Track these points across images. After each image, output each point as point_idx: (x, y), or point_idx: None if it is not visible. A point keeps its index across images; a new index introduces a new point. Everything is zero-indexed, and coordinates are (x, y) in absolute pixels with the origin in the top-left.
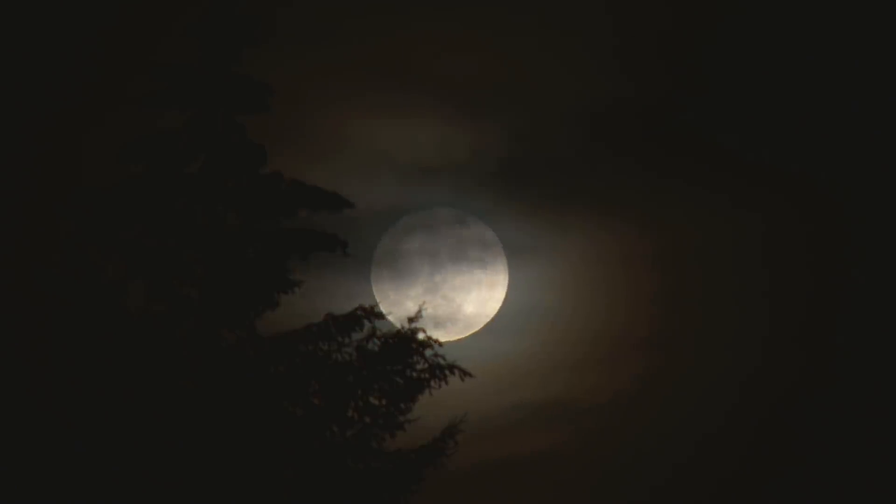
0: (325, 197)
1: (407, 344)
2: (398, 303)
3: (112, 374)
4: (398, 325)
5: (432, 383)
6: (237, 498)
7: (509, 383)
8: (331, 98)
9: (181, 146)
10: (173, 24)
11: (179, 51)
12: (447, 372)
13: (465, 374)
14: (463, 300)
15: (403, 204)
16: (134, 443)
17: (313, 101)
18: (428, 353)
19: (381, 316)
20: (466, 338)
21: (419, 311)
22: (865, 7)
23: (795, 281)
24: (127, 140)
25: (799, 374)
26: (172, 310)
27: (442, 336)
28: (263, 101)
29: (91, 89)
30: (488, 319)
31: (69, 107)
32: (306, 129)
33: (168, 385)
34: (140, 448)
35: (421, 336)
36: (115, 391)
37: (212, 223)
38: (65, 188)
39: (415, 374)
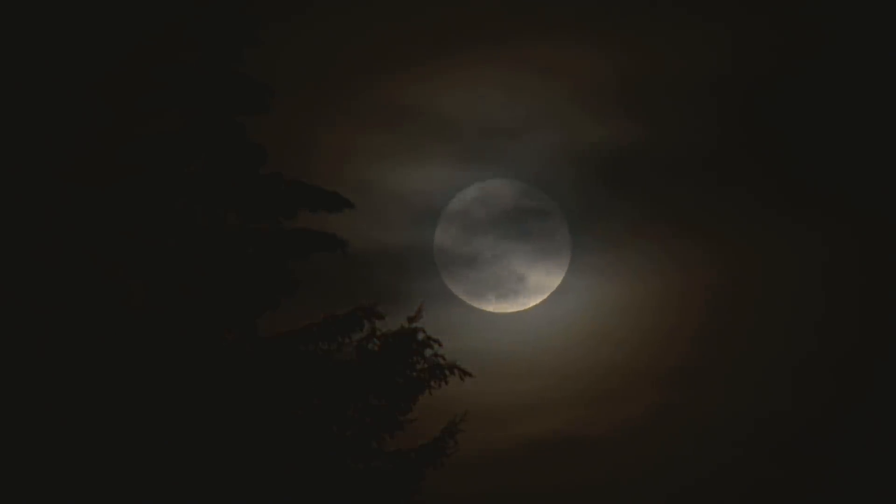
0: (326, 197)
1: (406, 344)
2: (463, 277)
3: (112, 374)
4: (465, 300)
5: (432, 383)
6: (237, 498)
7: (522, 414)
8: (342, 141)
9: (181, 146)
10: (174, 24)
11: (179, 51)
12: (447, 372)
13: (464, 373)
14: (526, 271)
15: (416, 243)
16: (134, 443)
17: (322, 143)
18: (427, 352)
19: (380, 316)
20: (531, 308)
21: (419, 311)
22: None
23: (847, 323)
24: (127, 140)
25: (823, 414)
26: (172, 310)
27: (506, 307)
28: (263, 101)
29: (90, 89)
30: (552, 290)
31: (69, 106)
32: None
33: (168, 385)
34: (140, 448)
35: (420, 336)
36: (114, 391)
37: (212, 223)
38: (65, 188)
39: (415, 374)
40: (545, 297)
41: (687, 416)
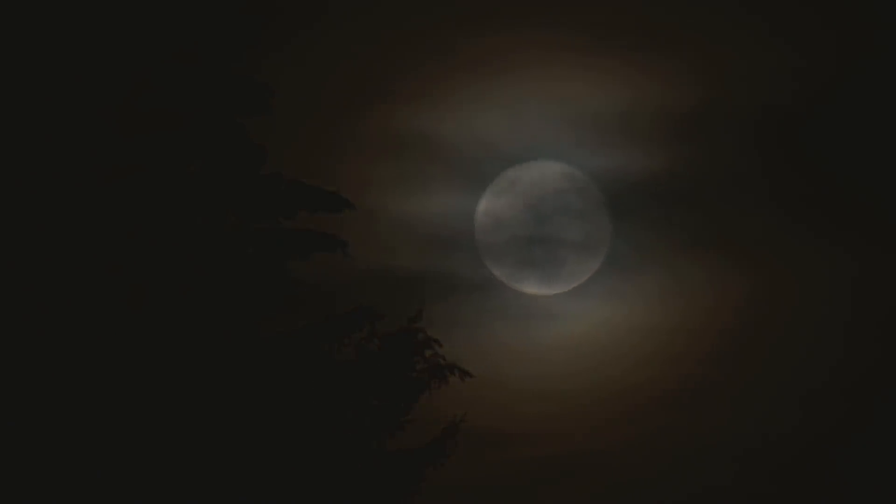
0: (326, 197)
1: (407, 344)
2: (500, 259)
3: (112, 374)
4: (506, 284)
5: (432, 383)
6: (237, 498)
7: (524, 435)
8: (356, 170)
9: (181, 146)
10: (174, 25)
11: (179, 51)
12: (447, 372)
13: (464, 374)
14: (566, 252)
15: (425, 271)
16: (134, 443)
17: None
18: (427, 353)
19: (380, 316)
20: (572, 289)
21: (419, 311)
22: None
23: (869, 351)
24: (127, 140)
25: (827, 440)
26: (172, 310)
27: (546, 290)
28: (264, 102)
29: (90, 90)
30: (593, 271)
31: (69, 104)
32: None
33: (168, 385)
34: (140, 449)
35: (420, 336)
36: (115, 391)
37: (212, 223)
38: (65, 188)
39: (415, 375)
40: (559, 314)
41: (688, 438)
